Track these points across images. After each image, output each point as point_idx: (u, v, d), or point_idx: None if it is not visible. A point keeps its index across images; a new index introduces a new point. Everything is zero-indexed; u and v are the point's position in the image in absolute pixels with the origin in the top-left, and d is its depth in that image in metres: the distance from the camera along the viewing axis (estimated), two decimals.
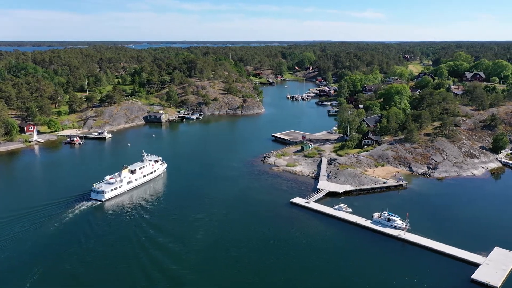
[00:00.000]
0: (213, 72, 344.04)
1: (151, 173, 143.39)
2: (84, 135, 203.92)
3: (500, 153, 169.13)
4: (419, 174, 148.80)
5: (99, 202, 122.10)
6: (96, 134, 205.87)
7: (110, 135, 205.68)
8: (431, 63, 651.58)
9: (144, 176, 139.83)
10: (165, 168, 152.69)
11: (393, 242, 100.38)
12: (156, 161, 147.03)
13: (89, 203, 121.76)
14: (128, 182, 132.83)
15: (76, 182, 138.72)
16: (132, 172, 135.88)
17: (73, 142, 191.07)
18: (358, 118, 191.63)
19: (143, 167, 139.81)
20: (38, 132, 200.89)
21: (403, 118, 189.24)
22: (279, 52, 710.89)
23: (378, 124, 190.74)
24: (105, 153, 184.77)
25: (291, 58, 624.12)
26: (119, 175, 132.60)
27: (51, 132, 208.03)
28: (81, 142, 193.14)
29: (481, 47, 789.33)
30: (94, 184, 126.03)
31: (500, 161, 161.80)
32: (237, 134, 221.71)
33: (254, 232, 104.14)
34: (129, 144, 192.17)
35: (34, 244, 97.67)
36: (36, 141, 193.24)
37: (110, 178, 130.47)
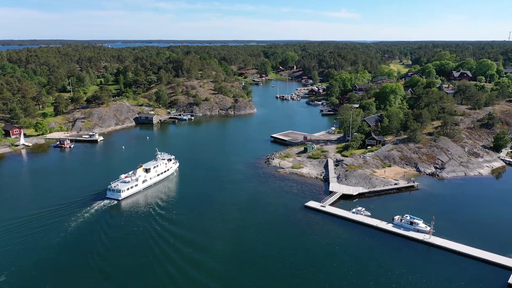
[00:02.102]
0: (200, 72, 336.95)
1: (165, 172, 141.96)
2: (74, 138, 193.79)
3: (501, 151, 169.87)
4: (427, 174, 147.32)
5: (116, 201, 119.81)
6: (87, 136, 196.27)
7: (101, 138, 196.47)
8: (411, 63, 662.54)
9: (158, 175, 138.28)
10: (177, 167, 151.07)
11: (419, 246, 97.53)
12: (169, 159, 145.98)
13: (105, 202, 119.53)
14: (143, 181, 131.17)
15: (83, 185, 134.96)
16: (147, 171, 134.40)
17: (63, 145, 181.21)
18: (359, 118, 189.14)
19: (157, 165, 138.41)
20: (24, 135, 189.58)
21: (402, 118, 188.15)
22: (261, 51, 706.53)
23: (379, 124, 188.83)
24: (100, 156, 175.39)
25: (274, 58, 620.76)
26: (134, 173, 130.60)
27: (38, 135, 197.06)
28: (72, 146, 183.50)
29: (457, 46, 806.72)
30: (111, 183, 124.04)
31: (504, 160, 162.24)
32: (233, 135, 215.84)
33: (273, 240, 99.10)
34: (123, 147, 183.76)
35: (57, 243, 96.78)
36: (23, 145, 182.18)
37: (126, 177, 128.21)
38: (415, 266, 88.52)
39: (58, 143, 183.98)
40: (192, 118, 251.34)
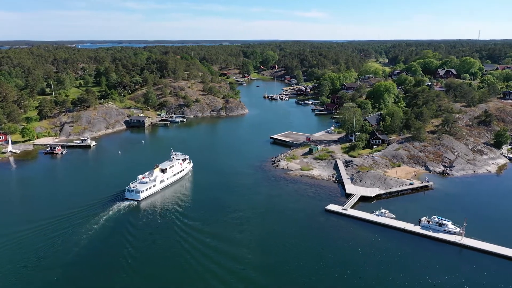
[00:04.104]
0: (187, 72, 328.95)
1: (180, 172, 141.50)
2: (65, 144, 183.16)
3: (502, 148, 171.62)
4: (436, 173, 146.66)
5: (136, 202, 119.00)
6: (78, 142, 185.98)
7: (94, 143, 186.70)
8: (387, 61, 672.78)
9: (174, 175, 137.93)
10: (192, 167, 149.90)
11: (450, 248, 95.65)
12: (184, 159, 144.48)
13: (125, 203, 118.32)
14: (161, 181, 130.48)
15: (92, 190, 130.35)
16: (163, 171, 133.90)
17: (54, 152, 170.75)
18: (361, 117, 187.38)
19: (173, 166, 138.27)
20: (11, 142, 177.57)
21: (403, 116, 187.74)
22: (240, 51, 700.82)
23: (381, 123, 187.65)
24: (97, 162, 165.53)
25: (253, 57, 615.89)
26: (151, 174, 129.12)
27: (25, 141, 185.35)
28: (64, 152, 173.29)
29: (429, 45, 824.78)
30: (130, 184, 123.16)
31: (506, 157, 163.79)
32: (230, 136, 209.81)
33: (303, 246, 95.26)
34: (119, 152, 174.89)
35: (84, 245, 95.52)
36: (11, 152, 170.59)
37: (143, 178, 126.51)
38: (451, 268, 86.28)
39: (49, 149, 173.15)
40: (184, 120, 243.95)
